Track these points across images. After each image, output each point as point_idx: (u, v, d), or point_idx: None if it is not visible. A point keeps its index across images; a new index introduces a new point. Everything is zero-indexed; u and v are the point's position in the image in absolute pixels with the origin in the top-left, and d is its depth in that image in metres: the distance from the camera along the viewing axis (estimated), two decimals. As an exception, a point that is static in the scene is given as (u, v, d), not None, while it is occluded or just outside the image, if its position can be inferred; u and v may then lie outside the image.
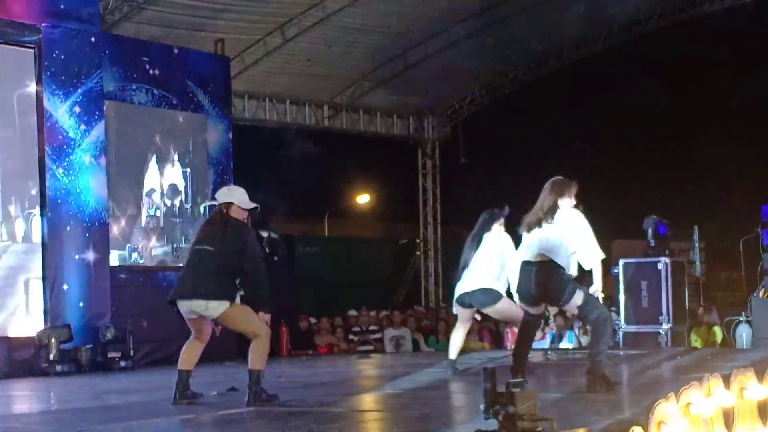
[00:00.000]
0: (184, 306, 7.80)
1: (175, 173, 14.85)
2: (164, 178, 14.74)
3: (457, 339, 10.04)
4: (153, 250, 14.55)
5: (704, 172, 20.62)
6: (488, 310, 9.77)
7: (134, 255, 14.35)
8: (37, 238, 13.19)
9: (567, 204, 8.12)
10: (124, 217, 14.23)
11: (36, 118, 13.22)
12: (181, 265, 14.09)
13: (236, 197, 7.97)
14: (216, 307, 7.71)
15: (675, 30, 19.01)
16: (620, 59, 20.19)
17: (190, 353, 7.93)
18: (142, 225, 14.42)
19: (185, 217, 14.91)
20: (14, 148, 13.13)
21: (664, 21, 18.73)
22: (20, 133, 13.16)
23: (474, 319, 10.35)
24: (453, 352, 10.05)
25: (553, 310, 17.68)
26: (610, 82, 20.83)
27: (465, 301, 9.81)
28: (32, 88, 13.24)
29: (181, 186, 14.93)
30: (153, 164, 14.61)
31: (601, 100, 20.95)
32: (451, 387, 9.17)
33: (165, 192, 14.72)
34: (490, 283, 9.62)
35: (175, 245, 14.77)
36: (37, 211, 13.18)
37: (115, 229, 14.02)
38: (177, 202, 14.86)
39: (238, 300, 7.79)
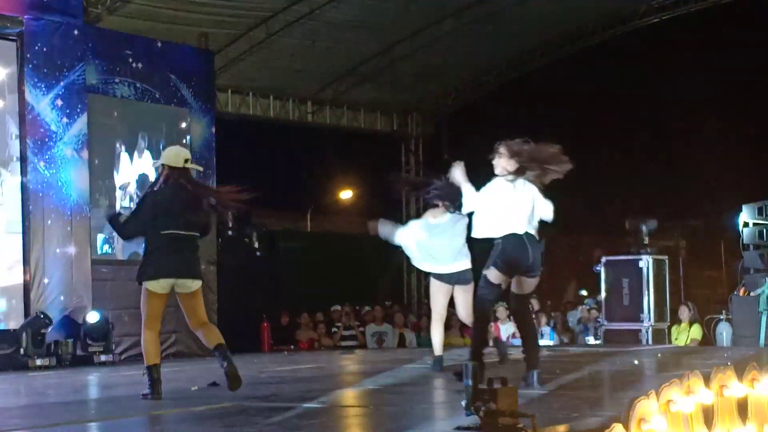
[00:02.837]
0: (176, 283, 7.82)
1: (145, 163, 14.70)
2: (136, 170, 14.60)
3: (438, 334, 10.04)
4: (124, 242, 14.42)
5: (686, 171, 20.68)
6: (468, 288, 9.68)
7: (105, 247, 14.24)
8: (-1, 228, 13.07)
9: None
10: (98, 209, 14.11)
11: (11, 107, 13.13)
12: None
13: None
14: (198, 284, 7.95)
15: (661, 27, 19.05)
16: (605, 56, 20.23)
17: (157, 345, 7.88)
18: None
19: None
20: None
21: (650, 18, 18.77)
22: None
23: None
24: (438, 348, 10.05)
25: (535, 306, 17.76)
26: (594, 80, 20.87)
27: (453, 279, 9.68)
28: (-1, 74, 13.16)
29: (152, 176, 14.77)
30: (125, 156, 14.47)
31: (585, 98, 20.99)
32: (433, 383, 9.17)
33: (137, 183, 14.59)
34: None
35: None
36: (-4, 200, 13.07)
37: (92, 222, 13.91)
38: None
39: None
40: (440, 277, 9.85)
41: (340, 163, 22.39)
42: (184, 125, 15.16)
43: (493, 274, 7.81)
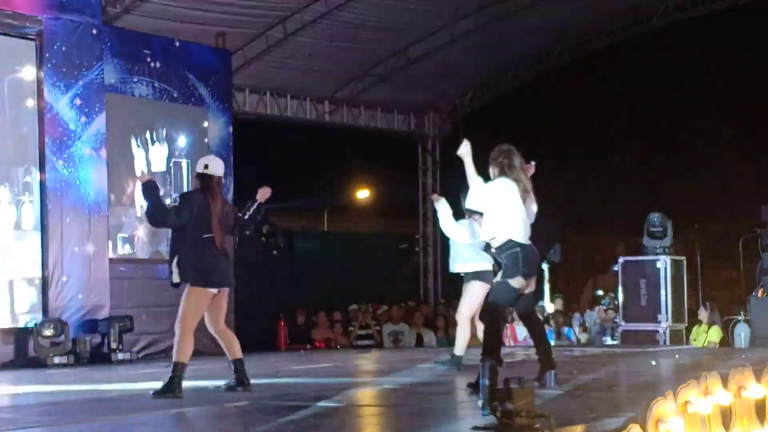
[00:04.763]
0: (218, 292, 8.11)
1: (157, 156, 14.71)
2: (154, 167, 14.63)
3: (466, 334, 10.01)
4: (146, 240, 14.47)
5: (705, 172, 20.61)
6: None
7: (126, 246, 14.29)
8: (26, 226, 13.17)
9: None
10: (119, 207, 14.17)
11: (28, 105, 13.22)
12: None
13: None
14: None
15: (678, 27, 18.99)
16: (622, 57, 20.18)
17: (191, 344, 8.06)
18: (137, 215, 14.34)
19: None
20: (5, 135, 13.11)
21: (666, 18, 18.72)
22: (11, 120, 13.15)
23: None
24: (461, 348, 10.03)
25: (550, 308, 17.76)
26: (611, 80, 20.82)
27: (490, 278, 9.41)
28: (23, 74, 13.24)
29: (159, 166, 14.79)
30: (140, 152, 14.48)
31: (602, 98, 20.94)
32: (450, 383, 9.16)
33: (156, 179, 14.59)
34: None
35: (170, 236, 14.65)
36: (26, 198, 13.17)
37: (110, 220, 13.96)
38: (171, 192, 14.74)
39: None
40: (485, 275, 9.71)
41: (357, 163, 22.42)
42: (201, 124, 15.20)
43: (517, 282, 7.82)
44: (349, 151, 21.77)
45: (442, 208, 10.06)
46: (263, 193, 8.41)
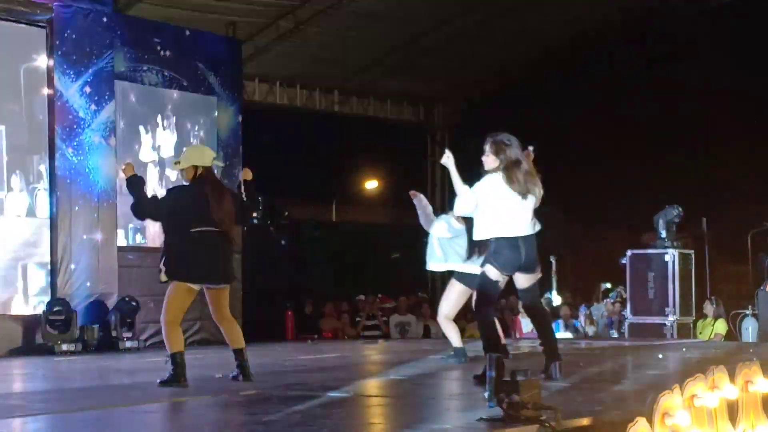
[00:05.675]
0: (208, 287, 7.96)
1: (164, 141, 14.70)
2: (164, 156, 14.62)
3: (452, 329, 10.02)
4: (157, 230, 14.45)
5: (714, 165, 20.55)
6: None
7: (138, 236, 14.31)
8: (41, 213, 13.22)
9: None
10: (130, 198, 14.13)
11: (44, 94, 13.26)
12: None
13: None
14: (227, 285, 8.07)
15: (687, 20, 18.93)
16: (634, 48, 20.11)
17: (179, 333, 7.99)
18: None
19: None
20: (20, 123, 13.16)
21: (677, 12, 18.67)
22: (26, 108, 13.20)
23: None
24: (457, 340, 10.03)
25: (557, 301, 17.75)
26: (622, 72, 20.74)
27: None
28: (39, 62, 13.28)
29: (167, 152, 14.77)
30: (147, 138, 14.47)
31: (613, 89, 20.87)
32: (456, 374, 9.17)
33: (164, 167, 14.61)
34: None
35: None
36: (41, 185, 13.21)
37: (120, 208, 13.97)
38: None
39: None
40: (464, 277, 9.75)
41: (366, 153, 22.38)
42: (211, 113, 15.20)
43: (491, 271, 7.79)
44: (358, 141, 21.74)
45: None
46: (245, 174, 8.35)
